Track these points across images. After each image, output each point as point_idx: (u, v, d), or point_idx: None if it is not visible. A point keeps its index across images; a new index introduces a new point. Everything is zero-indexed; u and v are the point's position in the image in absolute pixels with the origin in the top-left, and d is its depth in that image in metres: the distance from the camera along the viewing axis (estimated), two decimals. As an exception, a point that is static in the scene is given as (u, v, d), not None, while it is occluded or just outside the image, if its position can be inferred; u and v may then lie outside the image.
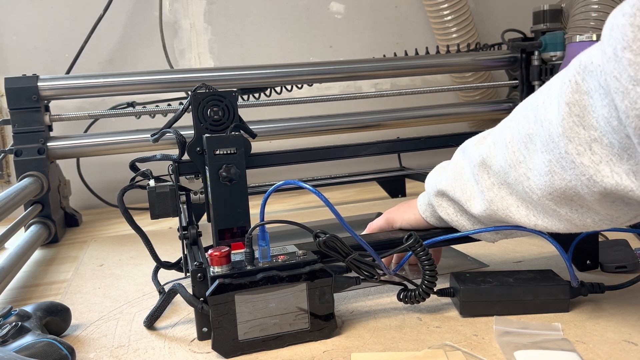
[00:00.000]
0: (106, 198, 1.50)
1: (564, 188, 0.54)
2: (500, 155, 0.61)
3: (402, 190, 1.44)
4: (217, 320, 0.58)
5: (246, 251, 0.61)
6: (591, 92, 0.49)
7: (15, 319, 0.60)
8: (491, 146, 0.63)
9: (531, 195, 0.58)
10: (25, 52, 1.51)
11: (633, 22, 0.43)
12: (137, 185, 0.76)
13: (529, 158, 0.57)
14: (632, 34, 0.43)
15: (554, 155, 0.53)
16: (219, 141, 0.70)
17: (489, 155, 0.63)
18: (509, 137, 0.60)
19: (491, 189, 0.63)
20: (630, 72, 0.43)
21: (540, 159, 0.55)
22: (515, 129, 0.59)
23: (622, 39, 0.43)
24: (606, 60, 0.46)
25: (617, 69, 0.45)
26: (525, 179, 0.58)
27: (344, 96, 1.47)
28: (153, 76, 1.31)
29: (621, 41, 0.44)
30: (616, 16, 0.45)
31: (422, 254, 0.65)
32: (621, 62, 0.44)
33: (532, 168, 0.57)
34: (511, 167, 0.59)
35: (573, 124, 0.51)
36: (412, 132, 1.55)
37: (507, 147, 0.60)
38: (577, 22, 1.35)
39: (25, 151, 1.20)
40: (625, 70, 0.44)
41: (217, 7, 1.64)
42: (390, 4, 1.79)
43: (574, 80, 0.51)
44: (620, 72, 0.44)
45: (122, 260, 1.00)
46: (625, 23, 0.43)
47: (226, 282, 0.58)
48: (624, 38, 0.43)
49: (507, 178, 0.61)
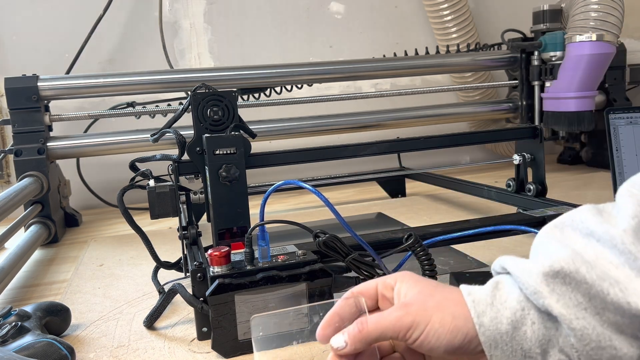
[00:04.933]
0: (106, 198, 1.50)
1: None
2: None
3: (402, 190, 1.44)
4: (217, 320, 0.58)
5: (246, 251, 0.61)
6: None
7: (15, 319, 0.60)
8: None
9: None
10: (25, 52, 1.51)
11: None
12: (137, 185, 0.76)
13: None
14: None
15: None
16: (218, 141, 0.70)
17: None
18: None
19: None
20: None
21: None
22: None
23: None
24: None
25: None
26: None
27: (344, 96, 1.47)
28: (153, 76, 1.31)
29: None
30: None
31: (422, 254, 0.65)
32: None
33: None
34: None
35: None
36: (412, 132, 1.55)
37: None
38: (576, 22, 1.35)
39: (25, 151, 1.20)
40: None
41: (217, 7, 1.64)
42: (390, 4, 1.79)
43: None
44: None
45: (122, 260, 1.00)
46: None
47: (226, 282, 0.58)
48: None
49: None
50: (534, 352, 0.38)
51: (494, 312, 0.39)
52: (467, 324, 0.39)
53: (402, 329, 0.40)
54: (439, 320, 0.39)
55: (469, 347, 0.39)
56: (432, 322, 0.39)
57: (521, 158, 0.99)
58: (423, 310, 0.40)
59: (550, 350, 0.38)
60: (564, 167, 1.75)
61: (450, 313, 0.40)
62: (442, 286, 0.43)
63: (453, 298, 0.41)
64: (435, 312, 0.40)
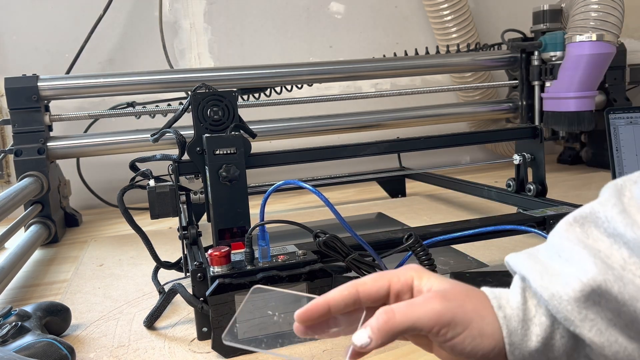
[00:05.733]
0: (106, 198, 1.50)
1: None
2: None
3: (402, 190, 1.44)
4: (217, 320, 0.58)
5: (246, 251, 0.61)
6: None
7: (15, 318, 0.60)
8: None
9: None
10: (25, 52, 1.51)
11: None
12: (137, 185, 0.76)
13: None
14: None
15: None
16: (218, 141, 0.70)
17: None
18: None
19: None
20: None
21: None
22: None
23: None
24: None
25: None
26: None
27: (344, 96, 1.47)
28: (153, 76, 1.31)
29: None
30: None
31: (422, 253, 0.65)
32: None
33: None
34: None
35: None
36: (412, 132, 1.55)
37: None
38: (576, 22, 1.35)
39: (25, 151, 1.20)
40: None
41: (217, 7, 1.64)
42: (390, 4, 1.79)
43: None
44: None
45: (122, 260, 1.00)
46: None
47: (226, 282, 0.58)
48: None
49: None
50: (560, 359, 0.36)
51: (524, 330, 0.36)
52: (497, 336, 0.36)
53: (437, 324, 0.35)
54: (479, 328, 0.36)
55: (493, 358, 0.36)
56: (472, 328, 0.35)
57: (521, 158, 0.99)
58: (462, 311, 0.36)
59: (575, 354, 0.36)
60: (564, 167, 1.75)
61: (489, 323, 0.36)
62: (470, 288, 0.39)
63: (485, 305, 0.37)
64: (475, 318, 0.36)
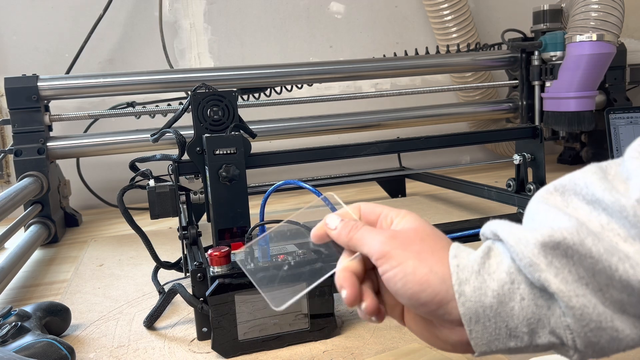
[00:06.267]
0: (106, 198, 1.50)
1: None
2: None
3: (402, 190, 1.44)
4: (217, 320, 0.58)
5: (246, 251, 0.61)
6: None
7: (15, 319, 0.60)
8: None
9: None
10: (25, 52, 1.51)
11: None
12: (137, 185, 0.76)
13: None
14: None
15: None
16: (218, 141, 0.70)
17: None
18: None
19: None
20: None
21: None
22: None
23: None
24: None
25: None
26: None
27: (344, 96, 1.47)
28: (153, 76, 1.31)
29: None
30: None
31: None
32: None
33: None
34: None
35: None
36: (412, 132, 1.55)
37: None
38: (577, 22, 1.35)
39: (25, 151, 1.20)
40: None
41: (217, 7, 1.64)
42: (390, 4, 1.79)
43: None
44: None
45: (121, 260, 1.00)
46: None
47: (226, 282, 0.58)
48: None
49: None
50: (521, 331, 0.35)
51: (478, 282, 0.35)
52: (443, 286, 0.36)
53: (376, 253, 0.38)
54: (413, 267, 0.36)
55: (437, 311, 0.36)
56: (405, 265, 0.36)
57: (521, 158, 0.99)
58: (403, 249, 0.37)
59: (540, 331, 0.35)
60: (565, 167, 1.75)
61: (428, 266, 0.36)
62: (438, 237, 0.39)
63: (441, 254, 0.37)
64: (414, 258, 0.37)
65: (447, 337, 0.38)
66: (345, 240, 0.41)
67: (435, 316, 0.37)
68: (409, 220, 0.41)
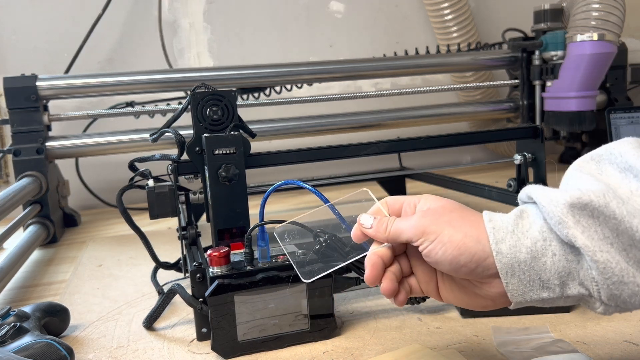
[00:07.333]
0: (105, 198, 1.50)
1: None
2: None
3: (402, 190, 1.44)
4: (217, 321, 0.58)
5: (246, 251, 0.61)
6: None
7: (13, 319, 0.59)
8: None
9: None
10: (25, 52, 1.50)
11: None
12: (136, 185, 0.75)
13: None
14: None
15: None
16: (218, 141, 0.69)
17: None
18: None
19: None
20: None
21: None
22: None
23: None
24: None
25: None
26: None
27: (344, 96, 1.46)
28: (152, 76, 1.30)
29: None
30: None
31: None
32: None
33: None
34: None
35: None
36: (412, 132, 1.55)
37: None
38: (578, 22, 1.35)
39: (24, 151, 1.19)
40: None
41: (217, 6, 1.63)
42: (391, 3, 1.79)
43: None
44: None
45: (121, 261, 1.00)
46: None
47: (225, 283, 0.58)
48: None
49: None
50: (553, 283, 0.38)
51: (513, 240, 0.39)
52: (478, 246, 0.40)
53: (415, 234, 0.42)
54: (449, 235, 0.40)
55: (476, 269, 0.40)
56: (442, 235, 0.41)
57: (522, 158, 0.99)
58: (435, 223, 0.42)
59: (570, 283, 0.38)
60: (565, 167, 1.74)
61: (462, 231, 0.40)
62: (464, 208, 0.44)
63: (471, 220, 0.42)
64: (447, 227, 0.41)
65: (486, 292, 0.42)
66: (384, 235, 0.45)
67: (475, 274, 0.40)
68: (430, 200, 0.46)
